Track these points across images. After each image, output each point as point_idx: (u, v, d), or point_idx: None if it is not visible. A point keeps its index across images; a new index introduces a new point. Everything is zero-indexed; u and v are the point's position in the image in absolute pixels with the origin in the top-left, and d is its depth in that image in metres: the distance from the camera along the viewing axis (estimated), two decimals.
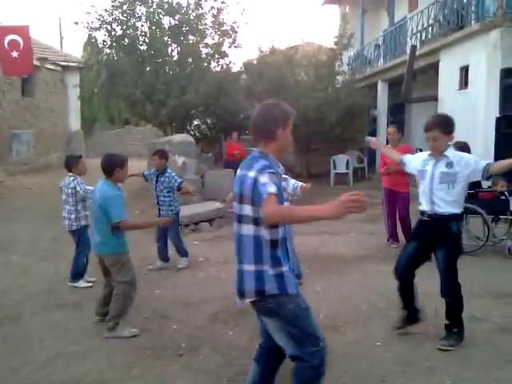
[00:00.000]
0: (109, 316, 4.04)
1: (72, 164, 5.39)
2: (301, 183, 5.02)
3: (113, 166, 4.01)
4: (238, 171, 2.48)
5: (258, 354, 2.72)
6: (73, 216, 5.29)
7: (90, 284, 5.34)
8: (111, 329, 4.00)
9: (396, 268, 3.88)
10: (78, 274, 5.35)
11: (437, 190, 3.61)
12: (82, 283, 5.34)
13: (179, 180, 5.95)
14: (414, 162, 3.95)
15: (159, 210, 5.95)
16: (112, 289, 4.12)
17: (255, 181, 2.30)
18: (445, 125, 3.63)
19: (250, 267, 2.40)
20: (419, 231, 3.84)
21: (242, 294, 2.45)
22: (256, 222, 2.35)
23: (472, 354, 3.52)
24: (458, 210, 3.63)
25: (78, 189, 5.25)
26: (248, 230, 2.38)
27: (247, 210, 2.36)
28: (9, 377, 3.36)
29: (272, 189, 2.22)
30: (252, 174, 2.33)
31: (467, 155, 3.73)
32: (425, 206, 3.72)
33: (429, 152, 3.77)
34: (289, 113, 2.49)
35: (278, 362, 2.69)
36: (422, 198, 3.76)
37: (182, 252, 6.12)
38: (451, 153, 3.63)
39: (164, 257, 6.08)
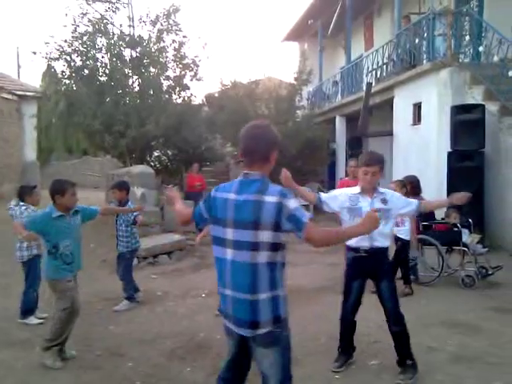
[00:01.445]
0: (46, 335, 4.02)
1: (26, 194, 5.23)
2: None
3: (52, 193, 4.00)
4: (234, 196, 2.35)
5: None
6: (24, 245, 5.07)
7: (41, 320, 5.09)
8: (44, 349, 3.99)
9: (343, 319, 3.92)
10: (28, 310, 5.10)
11: None
12: (32, 319, 5.09)
13: (135, 213, 5.78)
14: (336, 200, 3.84)
15: (117, 244, 5.75)
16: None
17: (281, 205, 2.23)
18: (383, 163, 3.78)
19: (265, 295, 2.30)
20: (357, 268, 3.83)
21: (255, 325, 2.31)
22: (275, 247, 2.29)
23: (429, 383, 3.54)
24: (389, 243, 3.86)
25: (21, 217, 5.03)
26: (263, 256, 2.28)
27: (266, 236, 2.25)
28: None
29: (306, 213, 2.24)
30: (272, 198, 2.25)
31: (395, 192, 4.01)
32: (361, 242, 3.69)
33: (353, 189, 3.82)
34: (277, 134, 2.50)
35: None
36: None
37: (127, 293, 5.68)
38: (383, 189, 3.79)
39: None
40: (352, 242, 3.72)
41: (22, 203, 5.17)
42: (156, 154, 14.00)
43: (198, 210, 2.55)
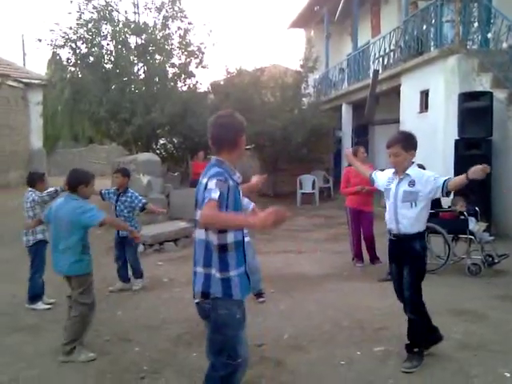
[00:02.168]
0: (65, 339, 3.88)
1: (35, 180, 5.26)
2: (253, 205, 4.75)
3: (77, 183, 3.94)
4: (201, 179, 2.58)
5: None
6: (30, 230, 5.12)
7: (48, 306, 5.15)
8: (67, 353, 3.84)
9: (397, 294, 3.86)
10: (35, 295, 5.16)
11: (400, 208, 3.64)
12: (40, 305, 5.14)
13: (143, 200, 5.82)
14: (381, 178, 3.94)
15: (118, 230, 5.78)
16: None
17: (204, 186, 2.44)
18: (405, 141, 3.69)
19: (200, 270, 2.54)
20: (390, 251, 3.85)
21: (193, 294, 2.58)
22: (206, 227, 2.47)
23: (434, 371, 3.55)
24: (420, 229, 3.67)
25: (36, 197, 5.11)
26: (200, 234, 2.52)
27: (198, 215, 2.48)
28: None
29: (215, 195, 2.34)
30: (205, 180, 2.48)
31: (428, 173, 3.75)
32: (390, 225, 3.74)
33: (392, 170, 3.80)
34: (243, 121, 2.70)
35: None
36: (387, 216, 3.78)
37: (137, 274, 5.96)
38: (413, 171, 3.67)
39: (124, 277, 5.92)
40: (387, 224, 3.79)
41: (29, 189, 5.20)
42: (162, 141, 14.02)
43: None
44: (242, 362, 2.54)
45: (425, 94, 10.82)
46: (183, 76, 13.10)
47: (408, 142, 3.69)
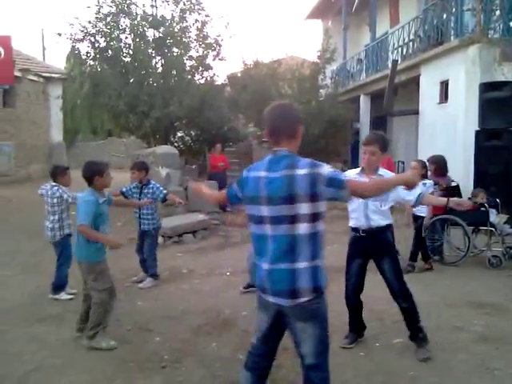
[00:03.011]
0: (88, 325, 3.98)
1: (58, 174, 5.32)
2: None
3: (92, 174, 4.02)
4: (265, 173, 2.39)
5: (251, 362, 2.61)
6: (57, 225, 5.20)
7: (71, 296, 5.25)
8: (90, 338, 3.94)
9: (347, 299, 3.97)
10: (60, 285, 5.27)
11: (370, 206, 3.70)
12: (63, 295, 5.25)
13: (164, 191, 5.84)
14: None
15: (140, 223, 5.81)
16: (90, 303, 4.06)
17: (314, 175, 2.28)
18: (383, 142, 3.71)
19: (305, 264, 2.34)
20: (357, 248, 3.88)
21: (295, 294, 2.35)
22: (314, 218, 2.33)
23: (453, 363, 3.55)
24: (389, 222, 3.79)
25: (66, 196, 5.18)
26: (304, 228, 2.31)
27: (304, 208, 2.29)
28: None
29: (342, 174, 2.36)
30: (303, 171, 2.30)
31: None
32: (359, 222, 3.77)
33: (357, 169, 3.83)
34: (299, 113, 2.64)
35: (270, 369, 2.65)
36: (354, 215, 3.81)
37: (151, 271, 5.81)
38: (383, 172, 3.72)
39: (146, 269, 5.99)
40: (352, 223, 3.84)
41: (53, 183, 5.29)
42: (179, 134, 14.08)
43: (232, 190, 2.64)
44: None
45: (445, 85, 10.68)
46: (200, 69, 13.10)
47: (385, 144, 3.74)
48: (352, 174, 3.78)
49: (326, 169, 2.31)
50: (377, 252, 3.76)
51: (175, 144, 13.49)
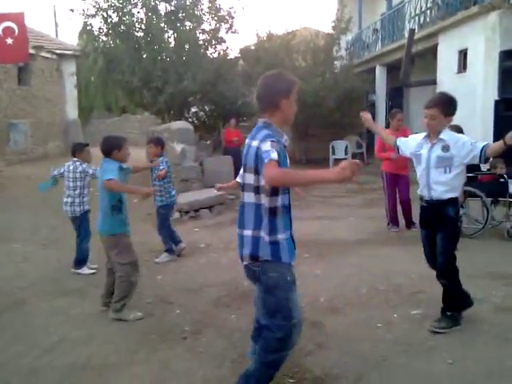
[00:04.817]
0: (114, 298, 4.07)
1: (76, 151, 5.41)
2: None
3: (111, 149, 4.05)
4: (247, 141, 2.55)
5: (254, 331, 2.80)
6: (77, 200, 5.30)
7: (93, 271, 5.36)
8: (117, 310, 4.03)
9: (427, 260, 3.82)
10: (82, 260, 5.38)
11: (433, 174, 3.53)
12: (85, 270, 5.37)
13: (161, 167, 5.72)
14: (408, 144, 3.82)
15: (154, 198, 5.83)
16: (114, 277, 4.14)
17: (257, 149, 2.39)
18: (446, 105, 3.51)
19: (248, 232, 2.53)
20: (422, 217, 3.78)
21: (241, 257, 2.60)
22: (257, 190, 2.47)
23: (473, 333, 3.56)
24: (454, 194, 3.56)
25: (91, 171, 5.25)
26: (249, 197, 2.51)
27: (249, 178, 2.48)
28: (14, 362, 3.39)
29: (274, 155, 2.29)
30: (255, 143, 2.43)
31: (464, 137, 3.57)
32: (422, 192, 3.66)
33: (424, 134, 3.67)
34: (292, 82, 2.55)
35: None
36: (420, 182, 3.68)
37: (166, 246, 5.86)
38: (447, 135, 3.51)
39: (173, 241, 6.00)
40: (418, 191, 3.73)
41: (75, 159, 5.36)
42: (193, 110, 14.04)
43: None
44: (297, 323, 2.55)
45: (463, 54, 10.43)
46: (213, 42, 12.95)
47: (448, 107, 3.51)
48: (417, 139, 3.71)
49: (264, 146, 2.34)
50: (435, 224, 3.60)
51: (189, 120, 13.47)
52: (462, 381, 2.94)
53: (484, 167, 6.58)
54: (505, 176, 6.16)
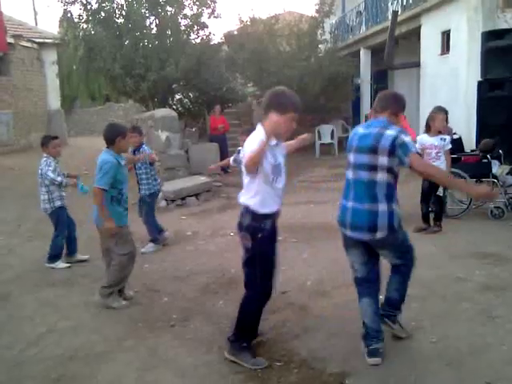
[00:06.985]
0: (104, 283, 4.07)
1: (45, 144, 5.23)
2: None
3: (114, 135, 4.00)
4: (363, 130, 3.05)
5: (366, 289, 3.12)
6: (46, 197, 5.20)
7: (68, 265, 5.27)
8: (103, 296, 4.04)
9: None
10: (55, 255, 5.29)
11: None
12: (59, 264, 5.27)
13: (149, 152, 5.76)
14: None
15: (139, 188, 5.82)
16: None
17: (396, 138, 2.80)
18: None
19: (383, 207, 2.88)
20: None
21: (374, 229, 2.88)
22: (390, 170, 2.86)
23: (456, 312, 3.61)
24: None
25: (51, 176, 5.10)
26: (382, 176, 2.87)
27: (383, 160, 2.83)
28: (1, 355, 3.37)
29: (415, 149, 2.87)
30: (392, 132, 2.83)
31: None
32: None
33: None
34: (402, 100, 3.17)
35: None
36: None
37: (152, 235, 5.83)
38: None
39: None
40: None
41: (44, 155, 5.24)
42: (178, 96, 13.89)
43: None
44: (412, 248, 3.15)
45: (446, 35, 10.44)
46: (196, 27, 12.76)
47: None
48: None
49: (407, 138, 2.84)
50: None
51: (174, 107, 13.32)
52: (446, 357, 3.00)
53: (467, 148, 6.64)
54: (488, 156, 6.23)
